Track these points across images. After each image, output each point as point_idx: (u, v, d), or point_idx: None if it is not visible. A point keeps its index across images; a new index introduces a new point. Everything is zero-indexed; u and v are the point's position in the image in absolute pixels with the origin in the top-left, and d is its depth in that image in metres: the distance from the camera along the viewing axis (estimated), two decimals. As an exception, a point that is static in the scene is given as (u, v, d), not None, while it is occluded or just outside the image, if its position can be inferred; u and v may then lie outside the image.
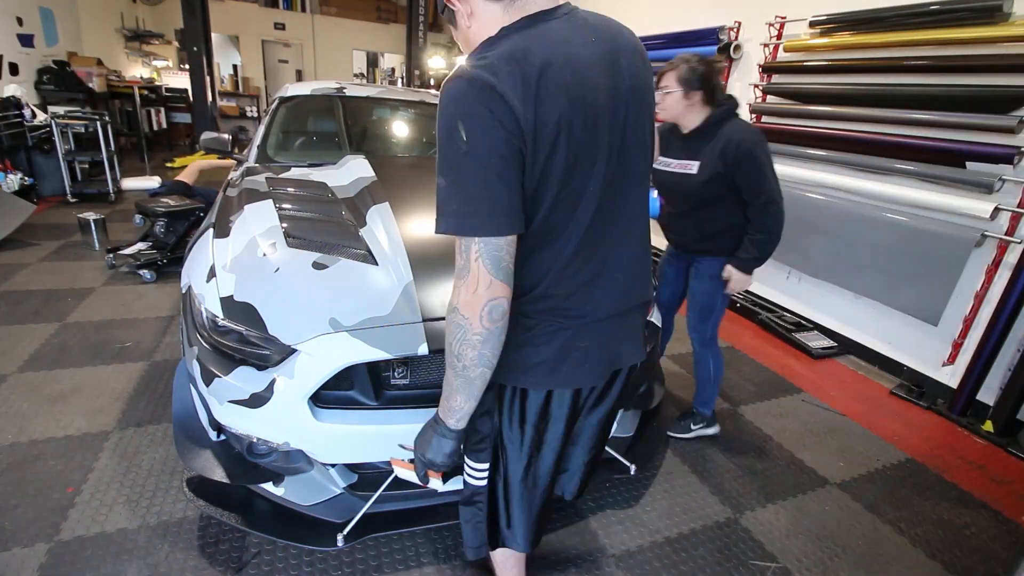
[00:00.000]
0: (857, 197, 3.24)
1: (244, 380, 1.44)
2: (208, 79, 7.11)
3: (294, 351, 1.42)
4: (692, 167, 1.94)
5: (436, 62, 9.85)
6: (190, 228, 3.84)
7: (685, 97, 1.88)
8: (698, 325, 2.23)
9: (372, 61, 12.27)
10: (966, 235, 2.70)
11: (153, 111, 8.47)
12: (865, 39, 3.15)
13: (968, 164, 2.69)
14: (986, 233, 2.65)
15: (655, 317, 2.02)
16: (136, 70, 9.20)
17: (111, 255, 3.77)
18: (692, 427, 2.36)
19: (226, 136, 3.06)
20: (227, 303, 1.52)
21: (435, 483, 1.09)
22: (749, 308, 3.88)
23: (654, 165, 1.96)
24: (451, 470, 1.05)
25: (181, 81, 8.76)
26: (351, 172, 2.31)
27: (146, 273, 3.63)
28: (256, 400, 1.41)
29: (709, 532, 1.88)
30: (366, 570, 1.61)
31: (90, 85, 6.80)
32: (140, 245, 3.89)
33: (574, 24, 0.89)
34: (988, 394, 2.71)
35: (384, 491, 1.57)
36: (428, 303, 1.53)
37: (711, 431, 2.38)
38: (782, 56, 3.77)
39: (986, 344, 2.64)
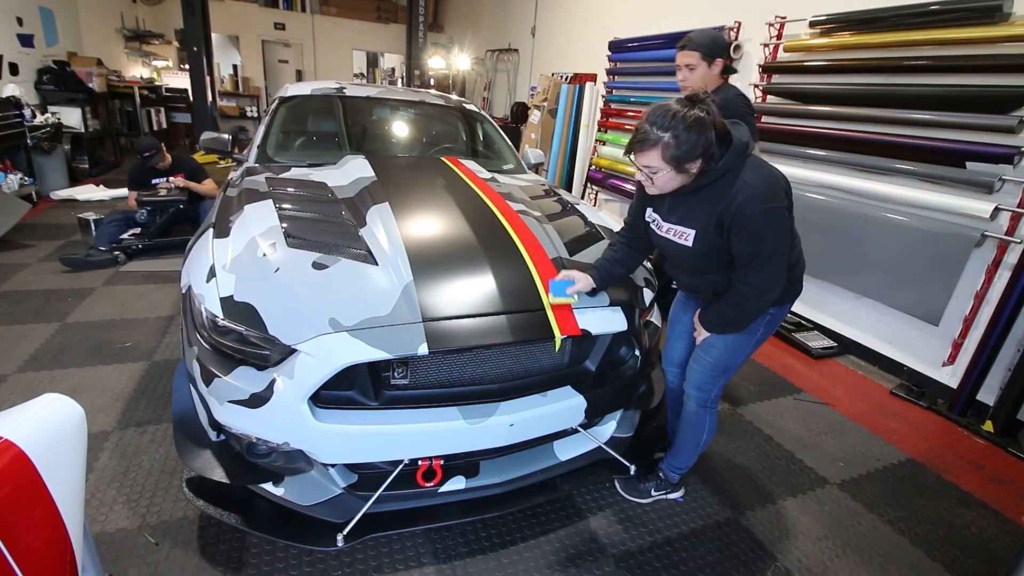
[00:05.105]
0: (857, 197, 3.24)
1: (244, 380, 1.44)
2: (208, 79, 7.10)
3: (294, 351, 1.42)
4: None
5: (436, 62, 9.84)
6: (173, 218, 4.07)
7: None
8: (705, 383, 1.80)
9: (372, 61, 12.27)
10: (966, 235, 2.70)
11: (153, 111, 8.45)
12: (865, 39, 3.15)
13: (968, 164, 2.69)
14: (986, 233, 2.65)
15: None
16: (136, 70, 9.19)
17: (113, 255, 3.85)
18: (653, 492, 1.99)
19: (226, 136, 3.06)
20: (227, 303, 1.52)
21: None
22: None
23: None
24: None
25: (181, 81, 8.75)
26: (351, 172, 2.30)
27: (119, 256, 3.81)
28: (256, 400, 1.41)
29: (709, 532, 1.88)
30: (366, 570, 1.61)
31: (90, 85, 6.78)
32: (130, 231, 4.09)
33: None
34: (988, 394, 2.71)
35: (384, 491, 1.57)
36: (428, 303, 1.53)
37: (674, 495, 2.03)
38: (782, 56, 3.77)
39: (986, 344, 2.65)
